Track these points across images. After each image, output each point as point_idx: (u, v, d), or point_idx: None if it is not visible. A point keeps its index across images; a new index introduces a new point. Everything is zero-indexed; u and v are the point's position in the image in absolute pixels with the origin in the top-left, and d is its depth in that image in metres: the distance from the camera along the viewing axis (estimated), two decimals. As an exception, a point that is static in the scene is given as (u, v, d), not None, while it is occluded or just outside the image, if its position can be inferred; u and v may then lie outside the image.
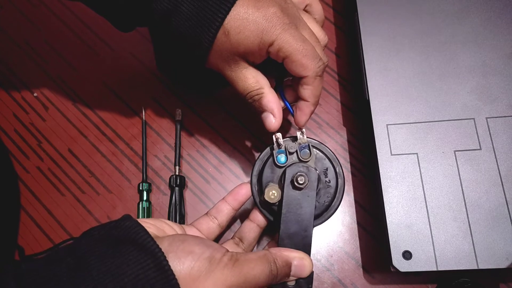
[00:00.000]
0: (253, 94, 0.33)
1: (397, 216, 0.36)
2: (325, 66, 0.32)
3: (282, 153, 0.34)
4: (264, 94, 0.33)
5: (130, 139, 0.45)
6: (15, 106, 0.47)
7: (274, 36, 0.30)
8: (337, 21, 0.50)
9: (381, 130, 0.39)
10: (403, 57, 0.41)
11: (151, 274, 0.23)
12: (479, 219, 0.35)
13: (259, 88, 0.33)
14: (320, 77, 0.32)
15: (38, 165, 0.44)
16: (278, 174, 0.34)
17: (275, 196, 0.32)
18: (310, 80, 0.31)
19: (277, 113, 0.33)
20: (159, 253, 0.24)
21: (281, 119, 0.33)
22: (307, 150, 0.34)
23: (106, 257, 0.24)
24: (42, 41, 0.49)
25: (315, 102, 0.33)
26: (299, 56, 0.30)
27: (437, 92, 0.40)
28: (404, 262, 0.34)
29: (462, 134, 0.38)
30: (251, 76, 0.32)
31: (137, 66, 0.48)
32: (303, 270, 0.30)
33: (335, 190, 0.34)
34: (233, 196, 0.36)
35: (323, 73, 0.32)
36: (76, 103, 0.47)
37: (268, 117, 0.33)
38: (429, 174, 0.37)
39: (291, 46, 0.30)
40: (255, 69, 0.33)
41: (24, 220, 0.42)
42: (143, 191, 0.42)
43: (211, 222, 0.35)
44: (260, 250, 0.29)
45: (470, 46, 0.41)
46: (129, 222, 0.27)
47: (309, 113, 0.33)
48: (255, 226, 0.36)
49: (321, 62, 0.31)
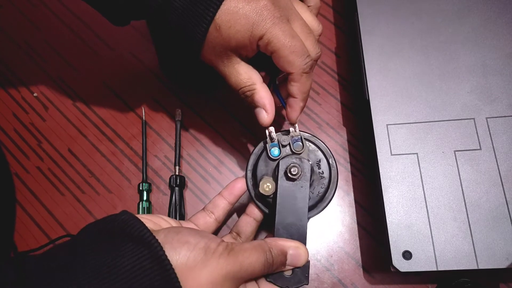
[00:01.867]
0: (246, 90, 0.33)
1: (397, 216, 0.36)
2: (315, 62, 0.32)
3: (275, 146, 0.35)
4: (256, 90, 0.33)
5: (130, 139, 0.45)
6: (15, 106, 0.47)
7: (264, 30, 0.30)
8: (337, 21, 0.50)
9: (381, 130, 0.39)
10: (403, 57, 0.41)
11: (147, 264, 0.24)
12: (479, 219, 0.35)
13: (252, 84, 0.33)
14: (307, 74, 0.32)
15: (38, 165, 0.44)
16: (272, 166, 0.35)
17: (270, 189, 0.33)
18: (297, 77, 0.32)
19: (269, 109, 0.33)
20: (155, 243, 0.24)
21: (274, 114, 0.34)
22: (299, 143, 0.34)
23: (101, 250, 0.24)
24: (42, 41, 0.49)
25: (303, 98, 0.33)
26: (286, 52, 0.30)
27: (437, 92, 0.40)
28: (404, 262, 0.34)
29: (462, 134, 0.38)
30: (243, 72, 0.33)
31: (137, 66, 0.48)
32: (299, 259, 0.30)
33: (329, 181, 0.35)
34: (229, 190, 0.36)
35: (311, 69, 0.32)
36: (76, 103, 0.47)
37: (260, 112, 0.34)
38: (429, 174, 0.37)
39: (279, 41, 0.30)
40: (248, 64, 0.33)
41: (24, 220, 0.42)
42: (143, 191, 0.42)
43: (208, 217, 0.35)
44: (256, 240, 0.30)
45: (470, 46, 0.41)
46: (125, 215, 0.27)
47: (299, 109, 0.34)
48: (251, 220, 0.36)
49: (308, 59, 0.31)
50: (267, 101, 0.33)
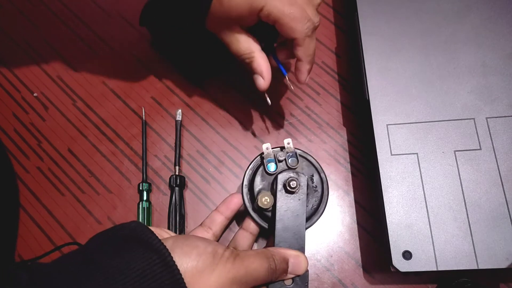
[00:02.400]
0: (245, 57, 0.36)
1: (397, 216, 0.36)
2: (315, 26, 0.34)
3: (271, 162, 0.37)
4: (254, 57, 0.36)
5: (130, 139, 0.45)
6: (15, 106, 0.47)
7: (263, 2, 0.32)
8: (337, 21, 0.50)
9: (381, 130, 0.39)
10: (403, 57, 0.41)
11: (157, 269, 0.24)
12: (479, 219, 0.35)
13: (250, 52, 0.36)
14: (309, 37, 0.34)
15: (38, 165, 0.44)
16: (269, 181, 0.36)
17: (268, 202, 0.34)
18: (301, 41, 0.34)
19: (266, 75, 0.36)
20: (164, 249, 0.25)
21: (270, 80, 0.37)
22: (294, 158, 0.36)
23: (113, 255, 0.25)
24: (42, 40, 0.49)
25: (309, 60, 0.36)
26: (286, 19, 0.32)
27: (437, 92, 0.40)
28: (404, 262, 0.34)
29: (462, 134, 0.38)
30: (243, 40, 0.36)
31: (137, 66, 0.48)
32: (300, 267, 0.31)
33: (321, 195, 0.36)
34: (225, 205, 0.37)
35: (313, 33, 0.34)
36: (76, 103, 0.47)
37: (258, 78, 0.37)
38: (429, 174, 0.37)
39: (279, 11, 0.32)
40: (248, 33, 0.36)
41: (24, 220, 0.42)
42: (143, 191, 0.42)
43: (205, 232, 0.36)
44: (258, 249, 0.31)
45: (470, 46, 0.41)
46: (134, 223, 0.28)
47: (305, 71, 0.36)
48: (248, 234, 0.37)
49: (309, 23, 0.33)
50: (264, 68, 0.36)
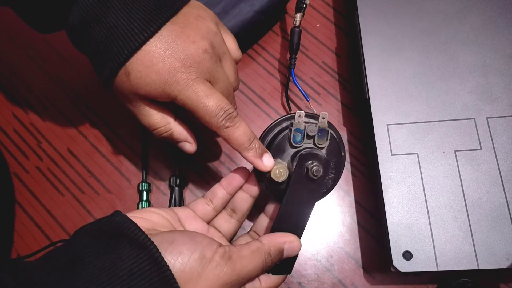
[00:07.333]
0: (162, 131, 0.33)
1: (397, 216, 0.36)
2: (232, 114, 0.31)
3: (299, 132, 0.32)
4: (172, 128, 0.34)
5: (130, 139, 0.45)
6: (14, 106, 0.47)
7: (176, 92, 0.30)
8: (337, 21, 0.50)
9: (381, 130, 0.39)
10: (403, 57, 0.41)
11: (145, 267, 0.24)
12: (479, 219, 0.35)
13: (166, 124, 0.33)
14: (227, 128, 0.31)
15: (37, 165, 0.44)
16: (289, 152, 0.33)
17: (282, 175, 0.32)
18: (222, 134, 0.31)
19: (191, 139, 0.35)
20: (151, 246, 0.24)
21: (195, 140, 0.35)
22: (324, 137, 0.32)
23: (100, 253, 0.24)
24: (42, 41, 0.49)
25: (244, 148, 0.31)
26: (201, 113, 0.30)
27: (437, 92, 0.40)
28: (404, 262, 0.34)
29: (463, 134, 0.38)
30: (155, 112, 0.33)
31: (137, 66, 0.48)
32: (292, 251, 0.30)
33: (333, 182, 0.34)
34: (228, 180, 0.35)
35: (232, 122, 0.31)
36: (76, 103, 0.46)
37: (184, 145, 0.35)
38: (429, 174, 0.37)
39: (193, 103, 0.30)
40: (159, 104, 0.33)
41: (23, 220, 0.42)
42: (143, 191, 0.42)
43: (206, 205, 0.35)
44: (252, 242, 0.29)
45: (470, 46, 0.41)
46: (119, 217, 0.27)
47: (252, 159, 0.31)
48: (247, 197, 0.35)
49: (225, 115, 0.30)
50: (186, 133, 0.34)
